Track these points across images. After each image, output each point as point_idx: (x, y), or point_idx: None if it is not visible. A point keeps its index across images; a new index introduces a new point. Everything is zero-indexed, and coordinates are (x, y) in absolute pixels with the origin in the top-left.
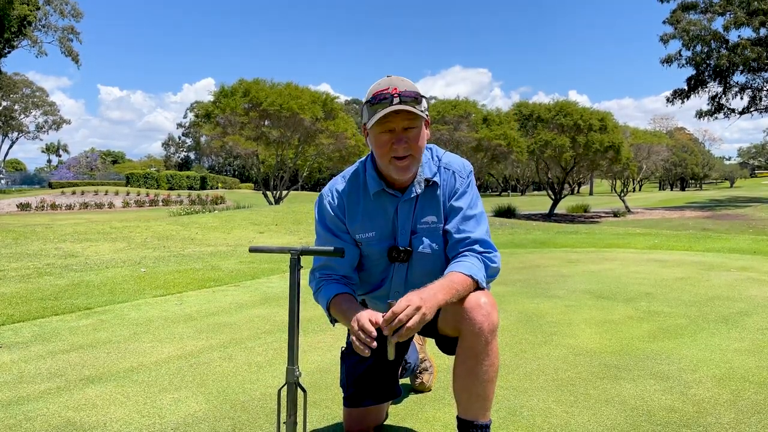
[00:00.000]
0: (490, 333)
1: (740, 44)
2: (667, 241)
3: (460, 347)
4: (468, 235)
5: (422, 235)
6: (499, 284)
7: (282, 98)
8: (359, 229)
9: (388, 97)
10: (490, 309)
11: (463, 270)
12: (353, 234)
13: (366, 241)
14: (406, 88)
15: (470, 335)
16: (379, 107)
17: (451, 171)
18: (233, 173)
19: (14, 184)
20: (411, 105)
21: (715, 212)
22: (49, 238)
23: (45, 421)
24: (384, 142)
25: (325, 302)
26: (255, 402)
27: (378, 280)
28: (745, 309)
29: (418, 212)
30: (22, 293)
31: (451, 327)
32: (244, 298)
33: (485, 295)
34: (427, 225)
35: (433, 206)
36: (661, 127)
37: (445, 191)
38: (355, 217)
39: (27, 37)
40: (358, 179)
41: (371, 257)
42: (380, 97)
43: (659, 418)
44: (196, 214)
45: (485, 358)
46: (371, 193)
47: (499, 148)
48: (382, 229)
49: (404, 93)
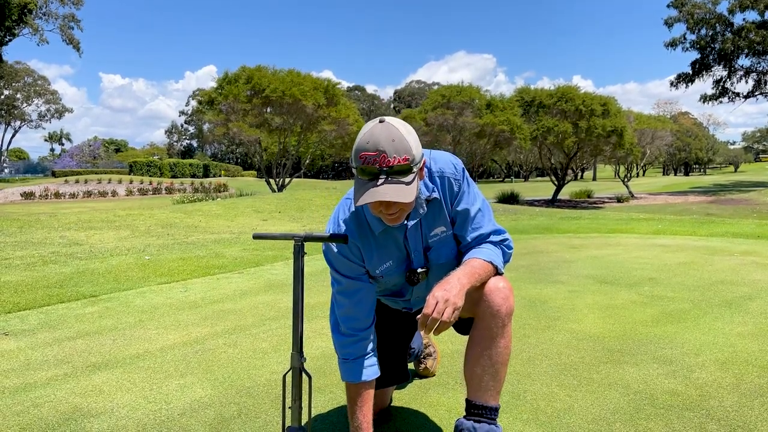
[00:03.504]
0: (507, 316)
1: (745, 27)
2: (671, 226)
3: (476, 328)
4: (480, 232)
5: (436, 247)
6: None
7: (284, 85)
8: (377, 263)
9: (375, 172)
10: (509, 293)
11: (483, 257)
12: (372, 270)
13: (386, 272)
14: (395, 154)
15: (488, 316)
16: (365, 178)
17: (446, 177)
18: (236, 161)
19: (18, 173)
20: (400, 180)
21: (719, 197)
22: (54, 226)
23: (52, 407)
24: (373, 206)
25: (347, 378)
26: (260, 387)
27: (401, 294)
28: (748, 293)
29: (426, 229)
30: (27, 281)
31: (467, 308)
32: (248, 285)
33: (503, 279)
34: (438, 236)
35: (438, 218)
36: (665, 111)
37: (447, 199)
38: (371, 254)
39: (28, 25)
40: (360, 218)
41: (392, 287)
42: (368, 162)
43: (662, 401)
44: (200, 202)
45: (501, 339)
46: (376, 232)
47: (502, 134)
48: (397, 255)
49: (394, 165)
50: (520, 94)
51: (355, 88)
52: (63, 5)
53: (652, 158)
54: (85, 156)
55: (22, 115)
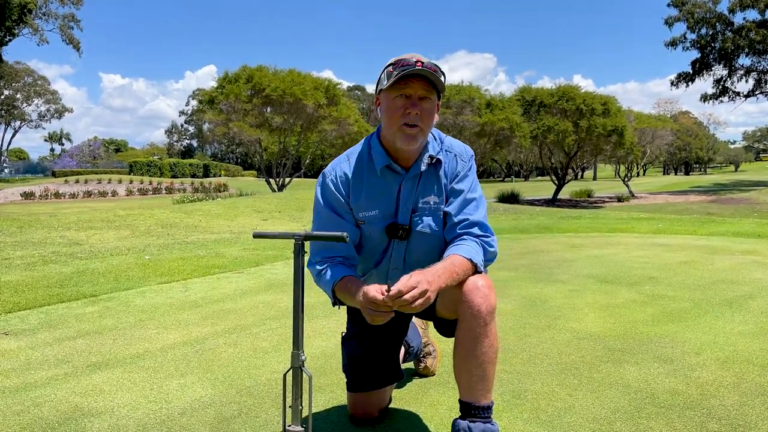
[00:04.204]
0: (489, 315)
1: (745, 27)
2: (671, 225)
3: (459, 329)
4: (467, 217)
5: (422, 214)
6: (503, 269)
7: (285, 84)
8: (363, 207)
9: (411, 64)
10: (488, 291)
11: (463, 253)
12: (356, 212)
13: (369, 219)
14: (429, 62)
15: (469, 317)
16: (400, 71)
17: (453, 154)
18: (236, 161)
19: (18, 173)
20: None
21: (719, 196)
22: (54, 226)
23: (53, 406)
24: (398, 107)
25: (330, 285)
26: (261, 387)
27: (377, 258)
28: (749, 292)
29: (420, 191)
30: (28, 281)
31: (449, 310)
32: (248, 285)
33: (483, 278)
34: (428, 205)
35: (435, 186)
36: (666, 111)
37: (447, 173)
38: (360, 195)
39: (28, 25)
40: (363, 157)
41: (372, 235)
42: (403, 63)
43: (663, 400)
44: (200, 202)
45: (484, 339)
46: (378, 168)
47: (502, 133)
48: (385, 207)
49: (427, 65)
50: (521, 93)
51: (356, 88)
52: (63, 5)
53: (653, 158)
54: (85, 156)
55: (22, 115)
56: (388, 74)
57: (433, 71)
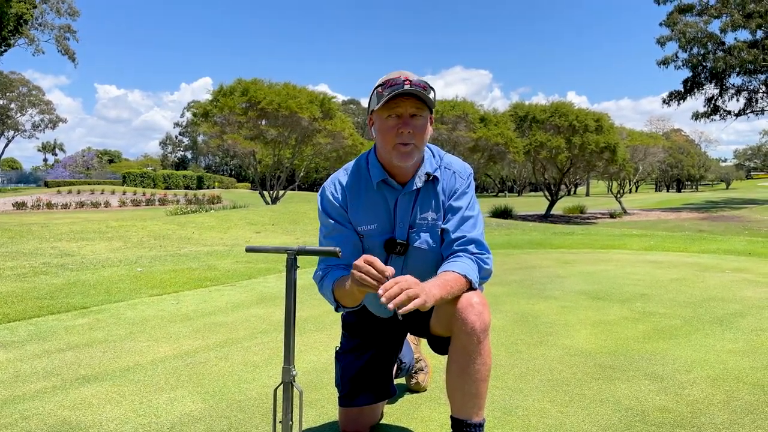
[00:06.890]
0: (482, 332)
1: (736, 46)
2: (663, 242)
3: (453, 346)
4: (465, 234)
5: (420, 230)
6: (496, 284)
7: (280, 98)
8: (361, 221)
9: (399, 83)
10: (482, 308)
11: (458, 270)
12: (355, 226)
13: (368, 233)
14: (417, 79)
15: (462, 334)
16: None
17: (452, 171)
18: (230, 173)
19: (10, 182)
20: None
21: (711, 214)
22: (45, 237)
23: (41, 420)
24: (390, 127)
25: (330, 287)
26: (251, 401)
27: None
28: (739, 310)
29: (418, 207)
30: (17, 292)
31: (443, 327)
32: (240, 298)
33: (477, 294)
34: (426, 221)
35: (432, 202)
36: (658, 128)
37: (446, 190)
38: (357, 210)
39: (24, 35)
40: (360, 172)
41: (373, 250)
42: (391, 83)
43: (653, 418)
44: (193, 214)
45: (477, 357)
46: (374, 182)
47: (496, 148)
48: (382, 221)
49: (415, 82)
50: (514, 108)
51: (351, 102)
52: (59, 16)
53: (645, 174)
54: (78, 166)
55: (15, 125)
56: (378, 95)
57: (423, 88)
